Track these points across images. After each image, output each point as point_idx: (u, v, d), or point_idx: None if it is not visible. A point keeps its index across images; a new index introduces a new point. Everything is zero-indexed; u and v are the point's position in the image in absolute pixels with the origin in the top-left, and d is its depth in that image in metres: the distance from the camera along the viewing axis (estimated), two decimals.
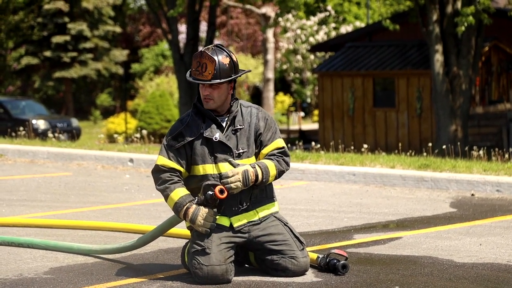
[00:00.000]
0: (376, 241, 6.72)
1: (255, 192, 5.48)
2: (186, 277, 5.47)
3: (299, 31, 41.64)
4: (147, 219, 7.85)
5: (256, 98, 42.12)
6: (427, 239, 6.78)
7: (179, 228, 6.74)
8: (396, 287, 5.18)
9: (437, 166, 10.34)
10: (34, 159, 12.95)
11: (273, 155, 5.50)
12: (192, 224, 5.32)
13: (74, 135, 26.23)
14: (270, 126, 5.54)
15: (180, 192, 5.38)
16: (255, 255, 5.57)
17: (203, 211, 5.29)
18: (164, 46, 45.08)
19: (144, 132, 16.06)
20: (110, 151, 12.83)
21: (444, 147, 13.92)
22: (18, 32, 43.39)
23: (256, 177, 5.34)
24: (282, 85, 46.10)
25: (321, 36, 40.80)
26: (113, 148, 13.44)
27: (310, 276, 5.48)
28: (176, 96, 36.35)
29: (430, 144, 14.06)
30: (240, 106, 5.53)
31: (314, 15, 42.13)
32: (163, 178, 5.43)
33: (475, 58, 19.91)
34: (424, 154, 12.53)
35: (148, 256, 6.22)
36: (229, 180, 5.28)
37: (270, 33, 37.01)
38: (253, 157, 5.51)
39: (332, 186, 10.17)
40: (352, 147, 15.40)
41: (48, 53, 41.33)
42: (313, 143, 14.83)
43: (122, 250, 6.00)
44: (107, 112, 44.66)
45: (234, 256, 5.42)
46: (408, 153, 12.74)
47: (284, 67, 44.51)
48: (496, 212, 8.18)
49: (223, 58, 5.38)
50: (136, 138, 15.99)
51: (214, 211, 5.33)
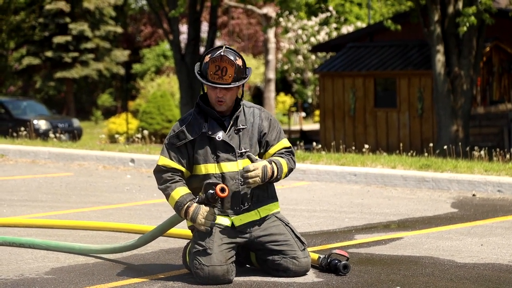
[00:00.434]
0: (377, 241, 6.72)
1: (257, 192, 5.48)
2: (187, 277, 5.47)
3: (300, 32, 41.64)
4: (148, 219, 7.85)
5: (257, 98, 42.12)
6: (428, 239, 6.77)
7: (180, 228, 6.74)
8: (397, 287, 5.18)
9: (438, 167, 10.33)
10: (35, 160, 12.96)
11: (281, 154, 5.55)
12: (193, 222, 5.33)
13: (75, 135, 26.24)
14: (274, 126, 5.57)
15: (181, 191, 5.38)
16: (256, 256, 5.57)
17: (203, 209, 5.30)
18: (165, 46, 45.08)
19: (145, 132, 16.06)
20: (111, 151, 12.83)
21: (445, 147, 13.91)
22: (19, 33, 43.41)
23: (272, 173, 5.39)
24: (283, 85, 46.10)
25: (322, 37, 40.79)
26: (114, 148, 13.44)
27: (311, 276, 5.48)
28: (177, 96, 36.35)
29: (431, 144, 14.05)
30: (243, 106, 5.54)
31: (316, 15, 42.13)
32: (164, 177, 5.44)
33: (476, 58, 19.91)
34: (425, 154, 12.53)
35: (149, 256, 6.22)
36: (249, 174, 5.30)
37: (271, 33, 37.02)
38: (256, 156, 5.51)
39: (333, 186, 10.16)
40: (353, 148, 15.40)
41: (49, 53, 41.34)
42: (314, 143, 14.84)
43: (123, 250, 6.00)
44: (108, 113, 44.68)
45: (235, 256, 5.42)
46: (409, 153, 12.73)
47: (285, 67, 44.51)
48: (498, 212, 8.17)
49: (238, 61, 5.39)
50: (137, 138, 15.99)
51: (215, 210, 5.33)
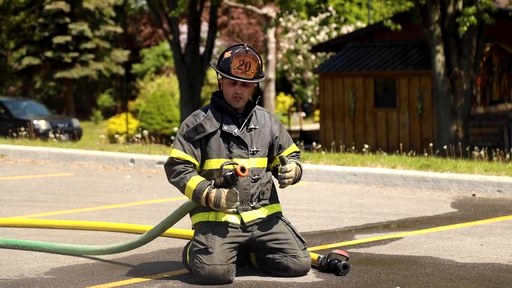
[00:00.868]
0: (377, 241, 6.72)
1: (263, 191, 5.53)
2: (187, 277, 5.47)
3: (300, 31, 41.65)
4: (148, 219, 7.85)
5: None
6: (428, 239, 6.78)
7: (180, 228, 6.75)
8: (397, 287, 5.18)
9: (438, 167, 10.33)
10: (35, 160, 12.96)
11: (293, 157, 5.65)
12: (217, 208, 5.32)
13: (75, 135, 26.24)
14: (284, 130, 5.71)
15: (196, 179, 5.38)
16: (257, 255, 5.58)
17: (224, 192, 5.30)
18: (165, 46, 45.10)
19: (145, 132, 16.06)
20: (111, 151, 12.83)
21: (445, 147, 13.91)
22: (19, 33, 43.42)
23: (299, 175, 5.56)
24: (283, 85, 46.11)
25: (322, 37, 40.80)
26: (114, 148, 13.44)
27: (311, 276, 5.48)
28: (177, 96, 36.35)
29: (431, 144, 14.06)
30: (255, 107, 5.61)
31: (316, 15, 42.15)
32: (177, 169, 5.43)
33: (476, 58, 19.91)
34: (425, 154, 12.53)
35: (149, 256, 6.22)
36: (287, 174, 5.41)
37: (271, 33, 37.02)
38: (265, 158, 5.57)
39: (333, 186, 10.17)
40: (353, 147, 15.40)
41: (49, 53, 41.35)
42: (314, 143, 14.85)
43: (132, 247, 5.92)
44: (108, 113, 44.69)
45: (236, 256, 5.42)
46: (409, 153, 12.74)
47: (285, 67, 44.52)
48: (497, 212, 8.17)
49: (259, 58, 5.49)
50: (137, 138, 16.00)
51: (235, 190, 5.33)
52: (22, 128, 17.70)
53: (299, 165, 5.57)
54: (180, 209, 5.66)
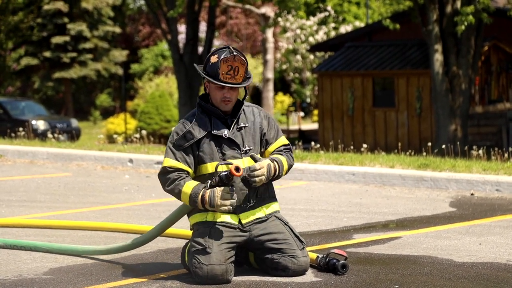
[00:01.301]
0: (376, 240, 6.72)
1: (260, 190, 5.52)
2: (186, 277, 5.47)
3: (298, 31, 41.65)
4: (146, 219, 7.85)
5: (256, 98, 42.12)
6: (427, 238, 6.78)
7: (179, 228, 6.75)
8: (396, 286, 5.18)
9: (436, 166, 10.34)
10: (34, 160, 12.95)
11: (280, 151, 5.61)
12: (213, 207, 5.30)
13: (73, 135, 26.23)
14: (273, 124, 5.65)
15: (191, 184, 5.37)
16: (255, 255, 5.58)
17: (218, 191, 5.28)
18: (164, 46, 45.07)
19: (144, 132, 16.05)
20: (109, 151, 12.83)
21: (443, 146, 13.92)
22: (17, 33, 43.39)
23: (275, 171, 5.46)
24: (282, 85, 46.11)
25: (320, 36, 40.81)
26: (112, 148, 13.44)
27: (310, 276, 5.48)
28: (175, 96, 36.35)
29: (429, 143, 14.06)
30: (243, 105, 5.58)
31: (314, 15, 42.15)
32: (171, 178, 5.42)
33: (474, 57, 19.91)
34: (424, 153, 12.53)
35: (148, 256, 6.22)
36: (256, 173, 5.34)
37: (269, 33, 37.00)
38: (258, 155, 5.53)
39: (332, 186, 10.17)
40: (351, 147, 15.39)
41: (47, 53, 41.33)
42: (312, 143, 14.83)
43: (132, 247, 5.92)
44: (107, 113, 44.67)
45: (234, 256, 5.42)
46: (407, 152, 12.74)
47: (284, 67, 44.51)
48: (496, 211, 8.18)
49: (246, 60, 5.46)
50: (136, 138, 15.99)
51: (230, 188, 5.30)
52: (21, 128, 17.70)
53: (276, 161, 5.48)
54: (178, 209, 5.66)
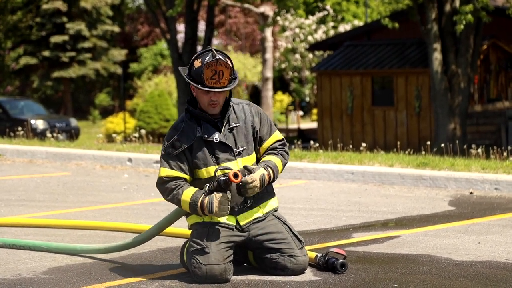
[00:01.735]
0: (375, 239, 6.72)
1: None
2: (185, 276, 5.47)
3: (297, 30, 41.64)
4: (145, 218, 7.85)
5: (255, 97, 42.12)
6: (426, 237, 6.78)
7: (178, 227, 6.74)
8: (395, 285, 5.18)
9: (435, 165, 10.34)
10: (33, 159, 12.95)
11: (274, 148, 5.56)
12: (211, 214, 5.29)
13: (72, 135, 26.23)
14: (265, 120, 5.57)
15: (189, 192, 5.36)
16: (254, 254, 5.57)
17: (216, 197, 5.27)
18: (163, 45, 45.06)
19: (143, 131, 16.05)
20: (108, 150, 12.82)
21: (442, 145, 13.90)
22: (16, 32, 43.38)
23: (269, 178, 5.41)
24: (281, 84, 46.10)
25: (319, 35, 40.80)
26: (111, 147, 13.43)
27: (309, 275, 5.48)
28: (174, 95, 36.35)
29: (428, 142, 14.05)
30: (232, 104, 5.53)
31: (313, 14, 42.14)
32: (169, 187, 5.42)
33: (473, 56, 19.91)
34: (423, 152, 12.53)
35: (147, 255, 6.22)
36: (248, 186, 5.28)
37: (268, 32, 37.00)
38: (253, 154, 5.52)
39: (331, 185, 10.16)
40: (350, 146, 15.39)
41: (46, 53, 41.33)
42: (311, 142, 14.83)
43: (129, 246, 5.92)
44: (106, 112, 44.66)
45: (232, 255, 5.42)
46: (406, 151, 12.73)
47: (283, 66, 44.51)
48: (495, 210, 8.18)
49: (229, 62, 5.36)
50: (135, 137, 15.99)
51: (227, 194, 5.28)
52: (20, 128, 17.70)
53: (269, 167, 5.40)
54: (177, 208, 5.66)
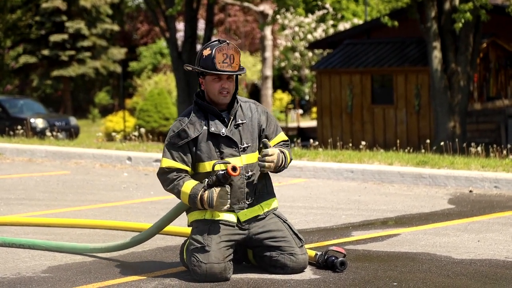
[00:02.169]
0: (374, 238, 6.72)
1: (259, 187, 5.51)
2: (185, 275, 5.47)
3: (297, 29, 41.63)
4: (145, 217, 7.85)
5: (255, 95, 42.11)
6: (425, 235, 6.78)
7: (178, 226, 6.74)
8: (395, 283, 5.18)
9: (435, 163, 10.34)
10: (32, 158, 12.95)
11: (280, 146, 5.60)
12: (211, 208, 5.30)
13: (72, 133, 26.24)
14: (271, 120, 5.62)
15: (190, 184, 5.36)
16: (254, 253, 5.57)
17: (215, 191, 5.28)
18: (162, 44, 45.05)
19: (143, 130, 16.08)
20: (108, 149, 12.82)
21: (442, 143, 13.92)
22: (16, 31, 43.38)
23: (282, 161, 5.45)
24: (281, 82, 46.10)
25: (319, 33, 40.79)
26: (111, 146, 13.43)
27: (308, 273, 5.48)
28: (174, 94, 36.33)
29: (428, 140, 14.05)
30: (239, 101, 5.55)
31: (313, 12, 42.13)
32: (170, 178, 5.42)
33: (473, 54, 19.91)
34: (422, 150, 12.52)
35: (146, 254, 6.22)
36: (267, 158, 5.34)
37: (268, 30, 36.99)
38: (257, 152, 5.53)
39: (330, 183, 10.16)
40: (350, 144, 15.38)
41: (46, 51, 41.33)
42: (311, 141, 14.84)
43: (129, 246, 5.93)
44: (106, 111, 44.65)
45: (232, 254, 5.42)
46: (406, 150, 12.74)
47: (282, 64, 44.50)
48: (494, 208, 8.18)
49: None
50: (134, 136, 15.99)
51: (227, 188, 5.30)
52: (19, 127, 17.69)
53: (283, 152, 5.48)
54: (177, 207, 5.66)
